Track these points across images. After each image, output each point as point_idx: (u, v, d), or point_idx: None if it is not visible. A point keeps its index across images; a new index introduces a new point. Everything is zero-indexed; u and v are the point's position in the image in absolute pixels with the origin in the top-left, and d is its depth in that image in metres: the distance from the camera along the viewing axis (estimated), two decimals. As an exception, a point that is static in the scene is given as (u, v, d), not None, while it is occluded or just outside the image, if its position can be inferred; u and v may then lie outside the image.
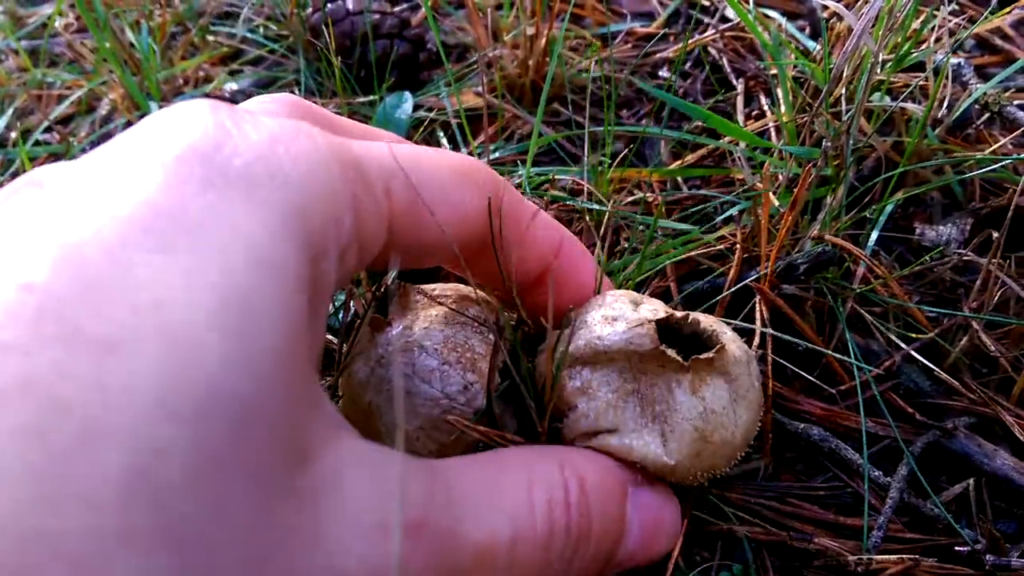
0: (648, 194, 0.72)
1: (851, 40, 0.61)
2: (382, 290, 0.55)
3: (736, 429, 0.49)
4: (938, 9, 0.71)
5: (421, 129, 0.82)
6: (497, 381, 0.51)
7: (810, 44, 0.80)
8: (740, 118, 0.77)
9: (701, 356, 0.48)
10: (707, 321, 0.52)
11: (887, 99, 0.73)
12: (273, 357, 0.29)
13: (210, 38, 1.00)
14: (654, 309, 0.52)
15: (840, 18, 0.72)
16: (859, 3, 0.73)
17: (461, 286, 0.57)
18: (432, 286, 0.56)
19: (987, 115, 0.72)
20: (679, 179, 0.74)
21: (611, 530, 0.43)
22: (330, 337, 0.61)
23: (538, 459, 0.43)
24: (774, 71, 0.76)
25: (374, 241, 0.39)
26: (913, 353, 0.59)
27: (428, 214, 0.41)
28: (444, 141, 0.81)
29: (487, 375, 0.50)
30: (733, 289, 0.60)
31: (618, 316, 0.51)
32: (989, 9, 0.75)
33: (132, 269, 0.27)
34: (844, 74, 0.66)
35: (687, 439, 0.48)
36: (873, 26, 0.63)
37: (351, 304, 0.58)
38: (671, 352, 0.47)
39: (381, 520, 0.31)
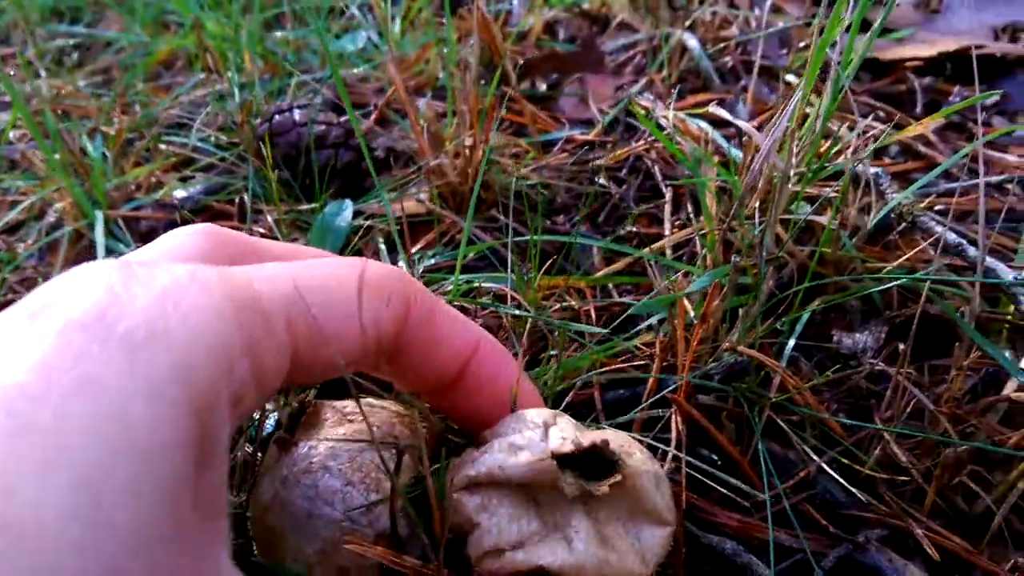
0: (575, 301, 0.73)
1: (758, 159, 0.64)
2: (293, 407, 0.55)
3: (643, 552, 0.50)
4: (852, 126, 0.74)
5: (360, 236, 0.84)
6: (400, 503, 0.51)
7: (734, 152, 0.83)
8: (667, 225, 0.79)
9: (600, 485, 0.48)
10: (617, 442, 0.52)
11: (807, 208, 0.76)
12: (133, 536, 0.28)
13: (162, 146, 1.02)
14: (563, 437, 0.52)
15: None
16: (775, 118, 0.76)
17: (373, 400, 0.57)
18: (344, 402, 0.56)
19: (904, 224, 0.74)
20: (610, 286, 0.76)
21: None
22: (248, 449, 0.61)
23: None
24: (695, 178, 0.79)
25: (275, 375, 0.39)
26: (825, 466, 0.59)
27: (324, 346, 0.41)
28: (382, 247, 0.83)
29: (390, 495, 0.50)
30: (651, 400, 0.61)
31: (524, 445, 0.51)
32: (911, 115, 0.79)
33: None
34: (758, 187, 0.68)
35: (593, 543, 0.48)
36: (781, 146, 0.65)
37: (262, 422, 0.58)
38: (569, 486, 0.48)
39: None
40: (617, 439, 0.53)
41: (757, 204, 0.69)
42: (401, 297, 0.46)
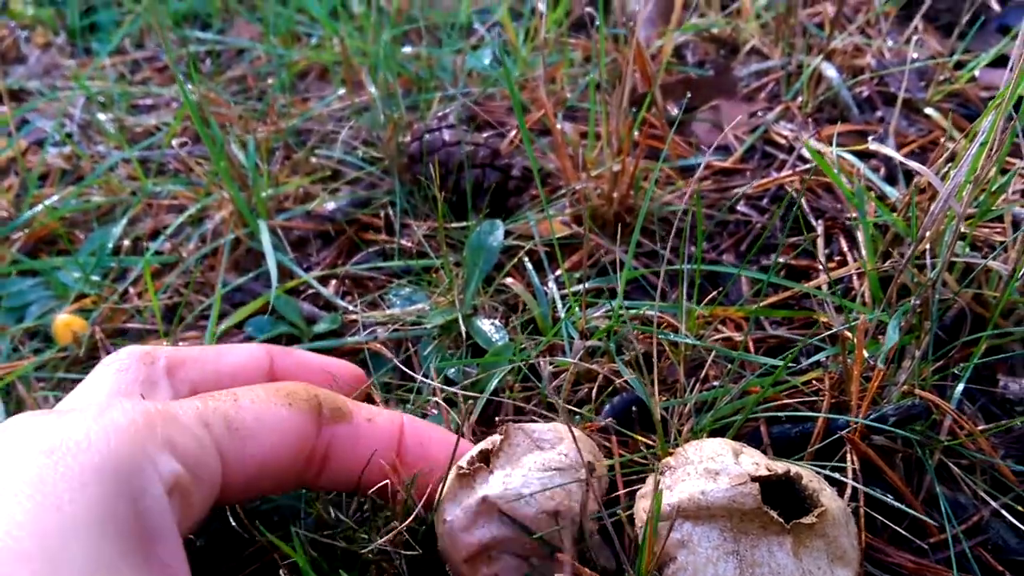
0: (733, 332, 0.75)
1: (937, 204, 0.64)
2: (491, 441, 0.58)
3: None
4: (1004, 170, 0.74)
5: (509, 255, 0.87)
6: (591, 526, 0.54)
7: (887, 189, 0.83)
8: (821, 258, 0.80)
9: (803, 520, 0.50)
10: (807, 477, 0.54)
11: (968, 250, 0.76)
12: None
13: (312, 159, 1.07)
14: (756, 463, 0.54)
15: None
16: (940, 155, 0.77)
17: (560, 426, 0.60)
18: (533, 427, 0.59)
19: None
20: (762, 318, 0.77)
21: None
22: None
23: None
24: (853, 213, 0.80)
25: (204, 463, 0.49)
26: (1001, 510, 0.60)
27: (252, 436, 0.52)
28: (530, 267, 0.85)
29: (579, 518, 0.53)
30: (825, 441, 0.63)
31: (720, 470, 0.53)
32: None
33: None
34: (928, 234, 0.69)
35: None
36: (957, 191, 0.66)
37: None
38: (774, 514, 0.50)
39: None
40: (808, 474, 0.55)
41: (928, 246, 0.70)
42: (310, 403, 0.56)
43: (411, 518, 0.56)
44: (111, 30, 1.60)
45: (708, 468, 0.54)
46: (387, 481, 0.56)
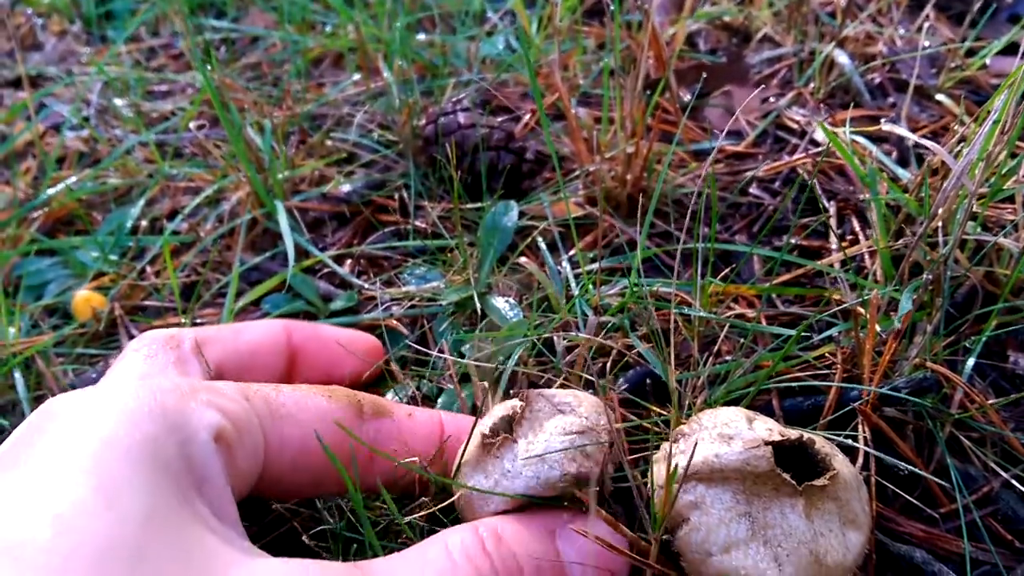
0: (746, 309, 0.76)
1: (950, 181, 0.65)
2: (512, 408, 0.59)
3: (848, 553, 0.52)
4: (1014, 154, 0.75)
5: (523, 236, 0.88)
6: (610, 486, 0.55)
7: (899, 171, 0.84)
8: (833, 241, 0.81)
9: (815, 482, 0.51)
10: (820, 443, 0.55)
11: (979, 229, 0.77)
12: (147, 520, 0.39)
13: (328, 142, 1.08)
14: (768, 428, 0.55)
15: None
16: (951, 139, 0.78)
17: (579, 392, 0.60)
18: (552, 392, 0.60)
19: (1077, 248, 0.75)
20: (774, 296, 0.78)
21: (544, 568, 0.49)
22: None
23: (450, 529, 0.51)
24: (865, 194, 0.81)
25: (253, 427, 0.51)
26: (1012, 481, 0.61)
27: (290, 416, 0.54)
28: (543, 247, 0.86)
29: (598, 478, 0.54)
30: (837, 413, 0.63)
31: (734, 434, 0.54)
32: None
33: (25, 489, 0.40)
34: (940, 211, 0.70)
35: (803, 563, 0.50)
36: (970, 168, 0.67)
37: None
38: (786, 476, 0.50)
39: None
40: (821, 441, 0.56)
41: (940, 224, 0.70)
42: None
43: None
44: (126, 18, 1.61)
45: (722, 433, 0.55)
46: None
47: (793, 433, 0.54)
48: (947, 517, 0.61)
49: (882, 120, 0.80)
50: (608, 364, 0.72)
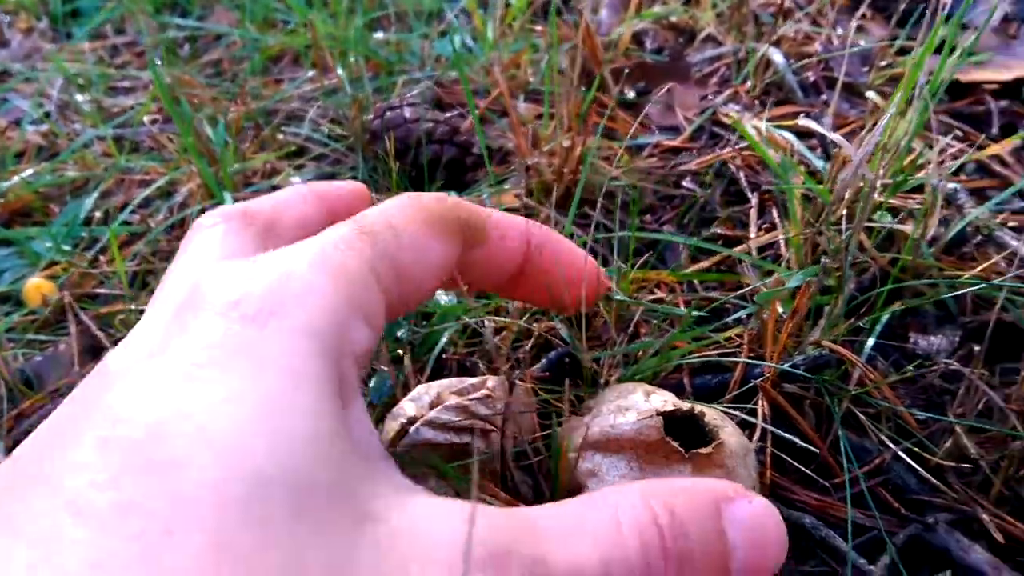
0: (666, 295, 0.79)
1: (848, 170, 0.69)
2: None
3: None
4: (931, 144, 0.79)
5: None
6: (511, 450, 0.58)
7: (819, 164, 0.88)
8: (752, 229, 0.85)
9: (700, 450, 0.54)
10: (711, 415, 0.58)
11: (889, 218, 0.81)
12: (310, 443, 0.36)
13: (279, 136, 1.11)
14: (664, 400, 0.58)
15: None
16: (863, 132, 0.82)
17: (487, 378, 0.63)
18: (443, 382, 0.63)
19: (980, 237, 0.79)
20: (696, 283, 0.82)
21: (712, 549, 0.42)
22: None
23: (618, 493, 0.44)
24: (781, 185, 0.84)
25: (378, 322, 0.47)
26: (901, 453, 0.65)
27: (412, 278, 0.50)
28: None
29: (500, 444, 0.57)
30: (740, 390, 0.67)
31: (630, 406, 0.58)
32: (989, 137, 0.83)
33: (183, 406, 0.35)
34: (846, 197, 0.74)
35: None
36: (870, 158, 0.70)
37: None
38: (675, 444, 0.54)
39: (462, 555, 0.35)
40: (712, 413, 0.59)
41: (844, 212, 0.74)
42: (457, 221, 0.53)
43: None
44: (93, 15, 1.64)
45: (620, 405, 0.58)
46: None
47: (685, 405, 0.58)
48: (839, 487, 0.65)
49: (800, 116, 0.83)
50: (528, 346, 0.75)
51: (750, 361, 0.68)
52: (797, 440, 0.65)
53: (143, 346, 0.41)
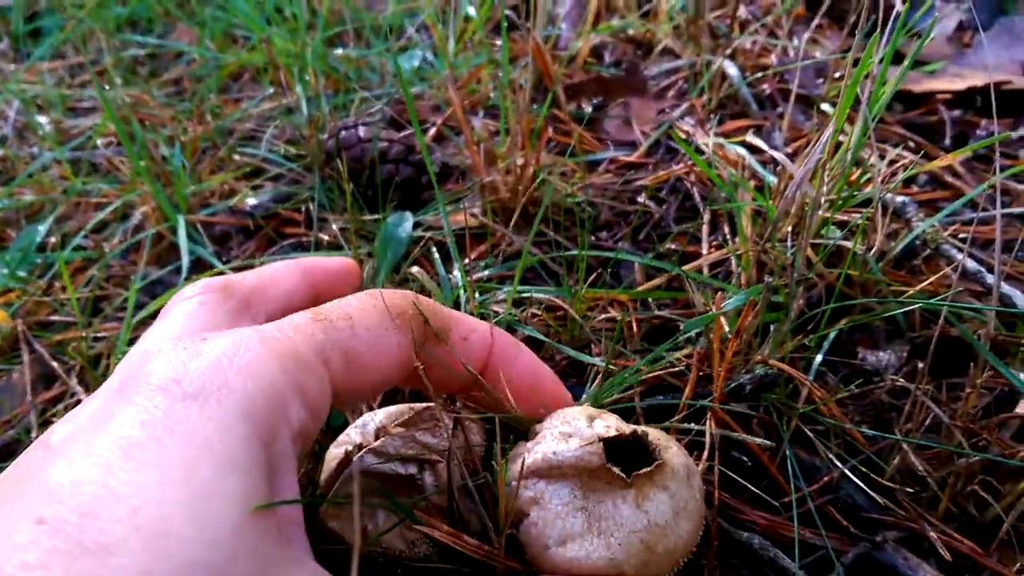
0: (618, 313, 0.79)
1: (792, 186, 0.69)
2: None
3: (679, 539, 0.55)
4: (882, 156, 0.80)
5: (419, 246, 0.91)
6: (459, 482, 0.58)
7: (770, 179, 0.88)
8: (704, 246, 0.85)
9: (641, 472, 0.54)
10: (654, 435, 0.58)
11: (838, 232, 0.81)
12: (236, 532, 0.38)
13: (236, 156, 1.10)
14: (607, 426, 0.58)
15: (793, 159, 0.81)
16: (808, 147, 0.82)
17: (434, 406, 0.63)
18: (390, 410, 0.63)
19: (928, 251, 0.80)
20: (650, 300, 0.82)
21: None
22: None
23: None
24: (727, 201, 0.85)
25: (322, 405, 0.49)
26: (848, 473, 0.65)
27: (365, 367, 0.51)
28: (437, 256, 0.89)
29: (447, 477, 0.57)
30: (688, 411, 0.67)
31: (573, 432, 0.57)
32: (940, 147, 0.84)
33: (118, 488, 0.37)
34: (791, 213, 0.74)
35: (634, 551, 0.53)
36: (814, 175, 0.71)
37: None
38: (616, 470, 0.54)
39: None
40: (656, 434, 0.59)
41: (790, 228, 0.75)
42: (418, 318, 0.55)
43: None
44: (55, 35, 1.62)
45: (562, 432, 0.58)
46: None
47: (627, 428, 0.58)
48: (788, 506, 0.65)
49: (750, 131, 0.84)
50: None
51: (700, 375, 0.68)
52: (746, 459, 0.66)
53: (88, 416, 0.42)
